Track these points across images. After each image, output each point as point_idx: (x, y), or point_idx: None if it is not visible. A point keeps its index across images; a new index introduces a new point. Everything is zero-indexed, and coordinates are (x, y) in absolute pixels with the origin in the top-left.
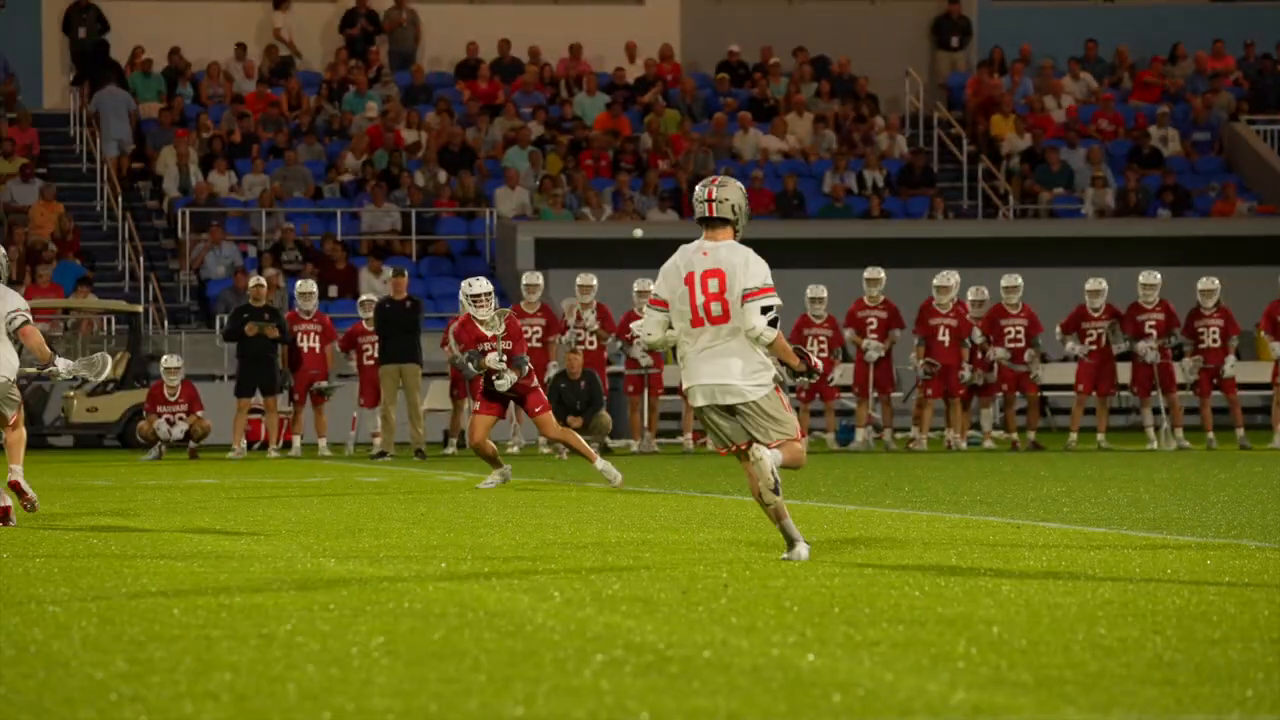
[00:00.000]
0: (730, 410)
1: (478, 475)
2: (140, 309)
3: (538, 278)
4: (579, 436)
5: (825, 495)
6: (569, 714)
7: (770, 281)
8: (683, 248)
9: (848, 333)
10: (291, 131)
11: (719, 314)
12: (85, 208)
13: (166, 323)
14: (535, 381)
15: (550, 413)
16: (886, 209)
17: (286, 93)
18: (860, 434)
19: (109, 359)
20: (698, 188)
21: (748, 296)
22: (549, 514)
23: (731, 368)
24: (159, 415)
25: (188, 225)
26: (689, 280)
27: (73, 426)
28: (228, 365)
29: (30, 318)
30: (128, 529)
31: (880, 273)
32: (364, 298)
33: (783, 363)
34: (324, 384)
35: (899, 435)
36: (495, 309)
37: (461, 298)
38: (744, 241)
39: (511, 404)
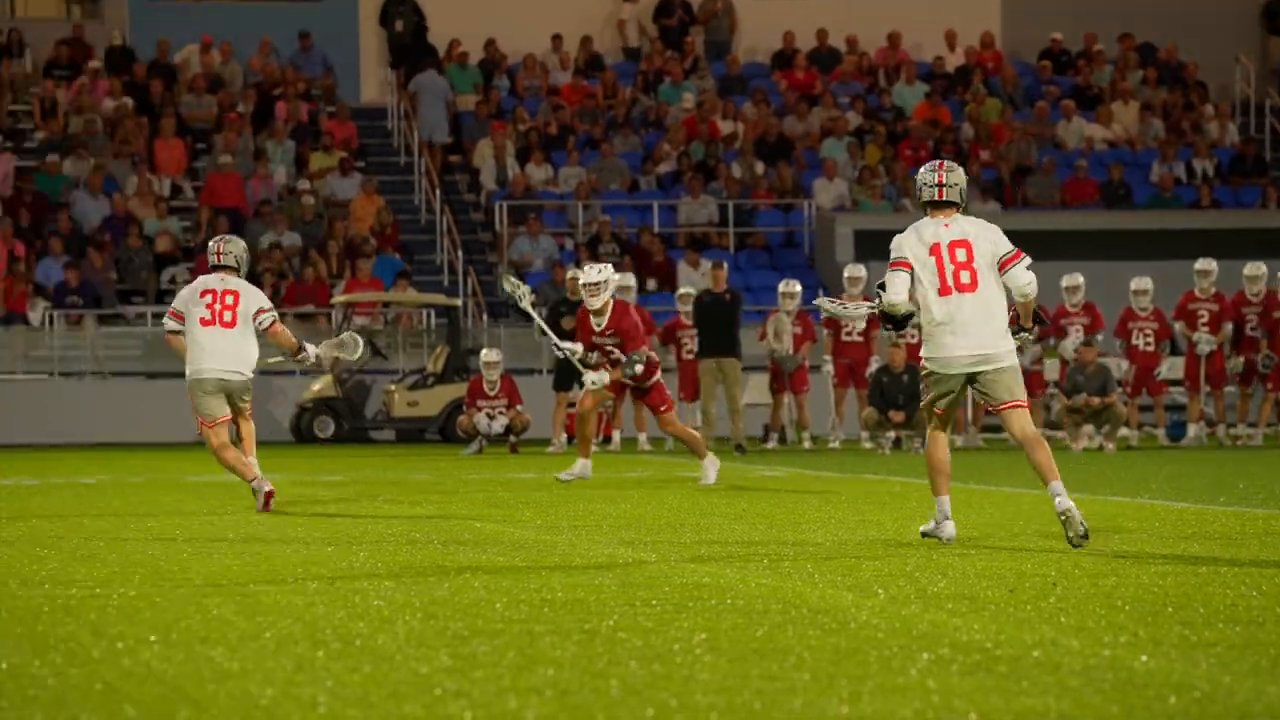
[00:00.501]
0: (973, 377)
1: (800, 471)
2: (459, 303)
3: (860, 270)
4: (694, 432)
5: (1156, 493)
6: (895, 713)
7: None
8: (915, 225)
9: (1177, 325)
10: (607, 123)
11: (967, 282)
12: (403, 201)
13: (485, 316)
14: (657, 377)
15: (673, 411)
16: (1217, 199)
17: (602, 84)
18: (1192, 429)
19: (359, 339)
20: (925, 171)
21: (1009, 261)
22: (871, 510)
23: (986, 336)
24: (479, 409)
25: (504, 218)
26: (935, 250)
27: (394, 420)
28: (546, 359)
29: (276, 315)
30: (450, 523)
31: (1212, 264)
32: (682, 291)
33: (1017, 322)
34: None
35: (1230, 431)
36: (607, 299)
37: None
38: (1070, 232)
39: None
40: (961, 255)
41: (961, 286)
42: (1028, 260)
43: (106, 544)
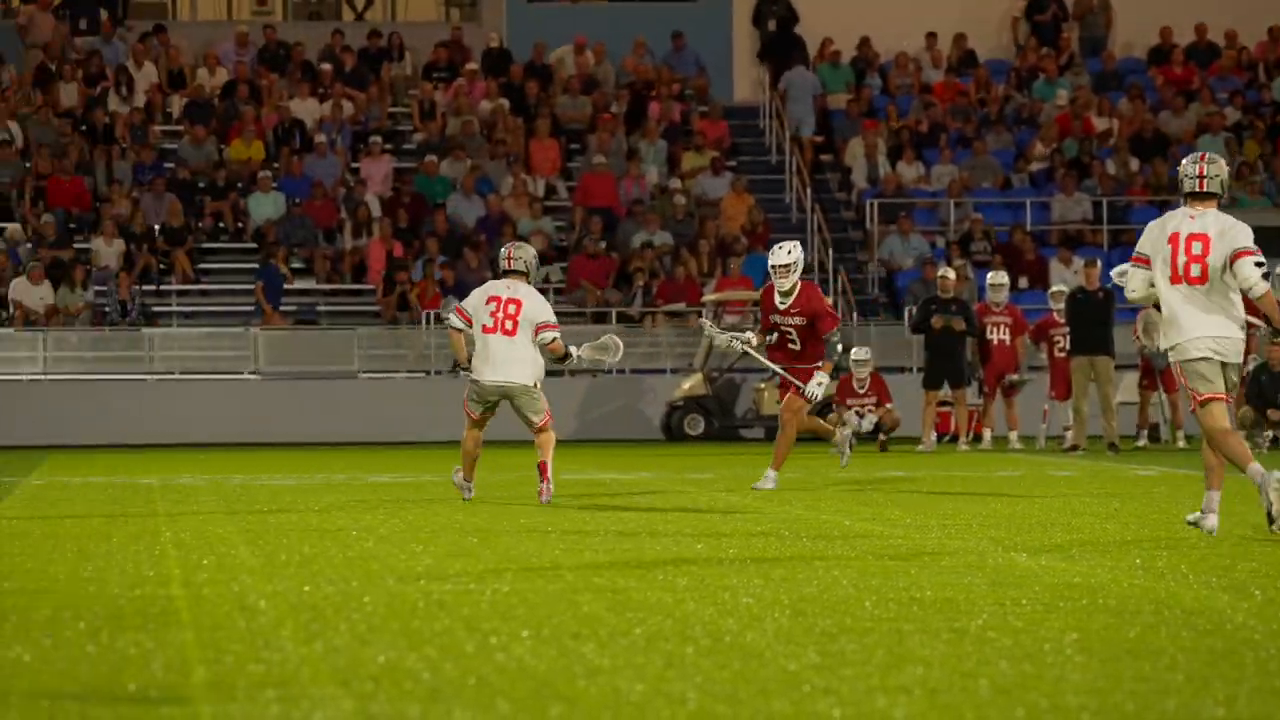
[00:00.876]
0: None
1: (1172, 470)
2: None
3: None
4: (816, 420)
5: None
6: (1272, 716)
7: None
8: (1170, 211)
9: None
10: (980, 121)
11: (1197, 275)
12: (774, 200)
13: (855, 314)
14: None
15: (801, 407)
16: None
17: (975, 81)
18: None
19: (619, 342)
20: (1187, 163)
21: (1240, 255)
22: (1247, 510)
23: (1225, 327)
24: (848, 407)
25: (875, 216)
26: (1173, 240)
27: (764, 418)
28: (916, 357)
29: (559, 333)
30: (818, 520)
31: None
32: (1055, 288)
33: (1267, 320)
34: (1014, 376)
35: None
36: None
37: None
38: None
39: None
40: (1197, 249)
41: (1191, 279)
42: (1257, 258)
43: (480, 539)
